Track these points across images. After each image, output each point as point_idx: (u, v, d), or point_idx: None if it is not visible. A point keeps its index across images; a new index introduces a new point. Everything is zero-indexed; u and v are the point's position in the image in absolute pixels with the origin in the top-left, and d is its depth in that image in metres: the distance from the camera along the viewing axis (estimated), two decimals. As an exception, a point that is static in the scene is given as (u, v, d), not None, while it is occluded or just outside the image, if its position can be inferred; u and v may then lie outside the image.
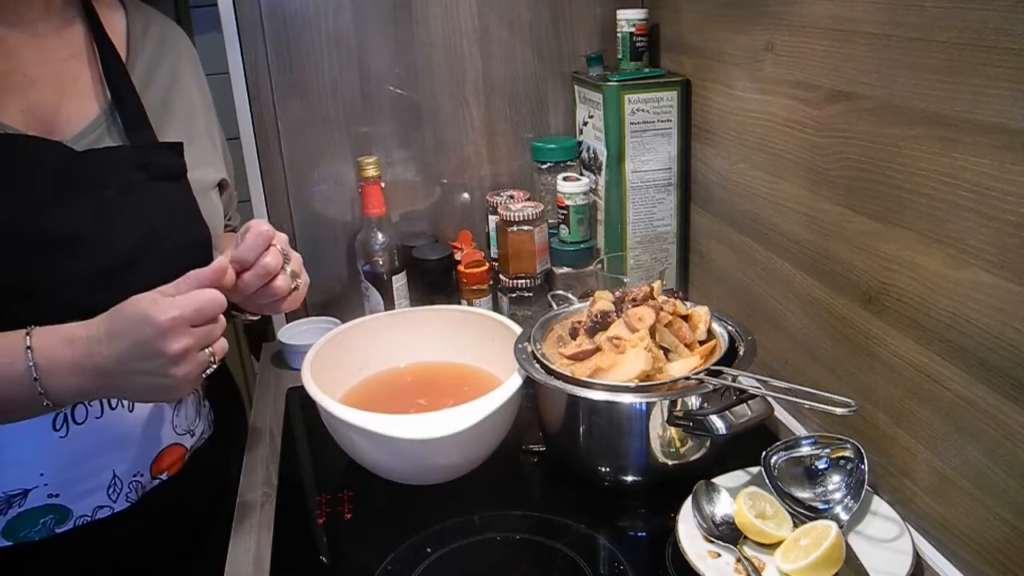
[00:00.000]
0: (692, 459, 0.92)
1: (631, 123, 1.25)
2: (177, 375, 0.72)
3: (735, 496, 0.85)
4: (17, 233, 0.77)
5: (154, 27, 0.95)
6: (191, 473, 0.97)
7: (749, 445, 0.90)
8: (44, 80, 0.84)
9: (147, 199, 0.85)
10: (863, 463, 0.83)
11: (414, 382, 1.14)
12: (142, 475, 0.91)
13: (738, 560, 0.79)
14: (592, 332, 0.95)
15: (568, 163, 1.36)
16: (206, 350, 0.74)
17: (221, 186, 0.99)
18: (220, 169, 0.99)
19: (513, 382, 0.93)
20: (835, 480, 0.85)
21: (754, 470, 0.90)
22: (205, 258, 0.90)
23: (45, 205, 0.78)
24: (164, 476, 0.93)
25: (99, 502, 0.88)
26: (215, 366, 0.76)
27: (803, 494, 0.85)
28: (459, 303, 1.35)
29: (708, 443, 0.91)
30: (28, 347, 0.73)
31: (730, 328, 0.98)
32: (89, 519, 0.87)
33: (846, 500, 0.83)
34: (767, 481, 0.85)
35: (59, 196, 0.79)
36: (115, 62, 0.88)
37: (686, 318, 0.97)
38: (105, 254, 0.81)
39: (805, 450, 0.87)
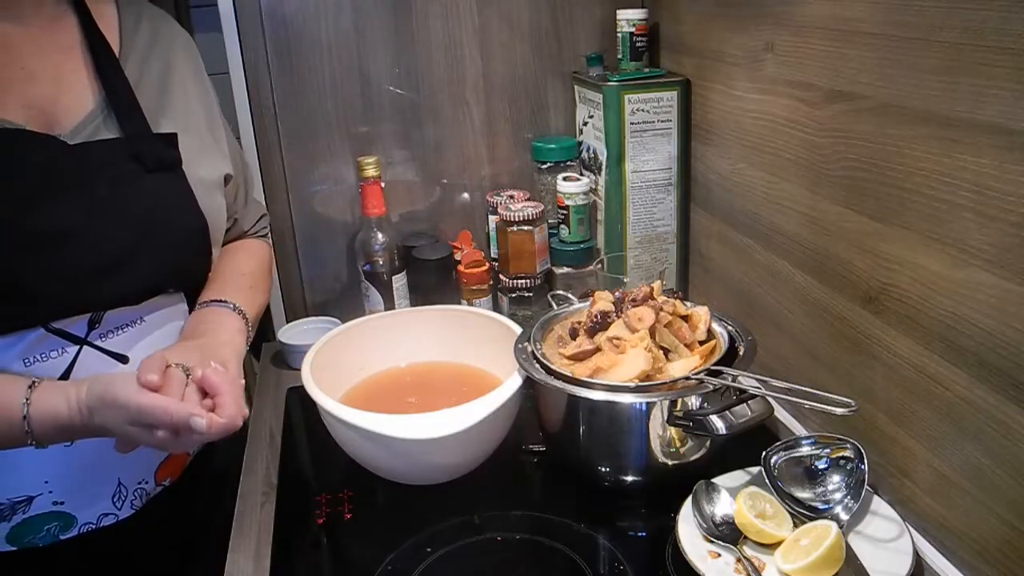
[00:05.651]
0: (692, 459, 0.92)
1: (631, 123, 1.25)
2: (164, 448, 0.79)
3: (735, 496, 0.85)
4: (9, 229, 0.77)
5: (146, 20, 0.95)
6: (193, 478, 0.97)
7: (749, 445, 0.90)
8: (42, 74, 0.84)
9: (141, 191, 0.85)
10: (863, 463, 0.83)
11: (414, 382, 1.14)
12: (147, 482, 0.91)
13: (738, 560, 0.79)
14: (592, 332, 0.95)
15: (568, 163, 1.36)
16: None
17: (225, 180, 0.98)
18: (221, 164, 0.97)
19: (513, 382, 0.93)
20: (835, 480, 0.85)
21: (754, 470, 0.90)
22: (202, 248, 0.90)
23: (37, 201, 0.78)
24: (167, 482, 0.93)
25: (104, 509, 0.88)
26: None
27: (803, 494, 0.85)
28: (459, 303, 1.35)
29: (708, 443, 0.91)
30: (28, 431, 0.76)
31: (730, 328, 0.98)
32: (94, 526, 0.87)
33: (846, 500, 0.83)
34: (767, 481, 0.85)
35: (51, 192, 0.79)
36: (107, 55, 0.88)
37: (686, 318, 0.97)
38: (99, 250, 0.81)
39: (805, 450, 0.87)
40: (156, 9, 0.98)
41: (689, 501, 0.86)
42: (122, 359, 0.85)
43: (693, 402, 0.87)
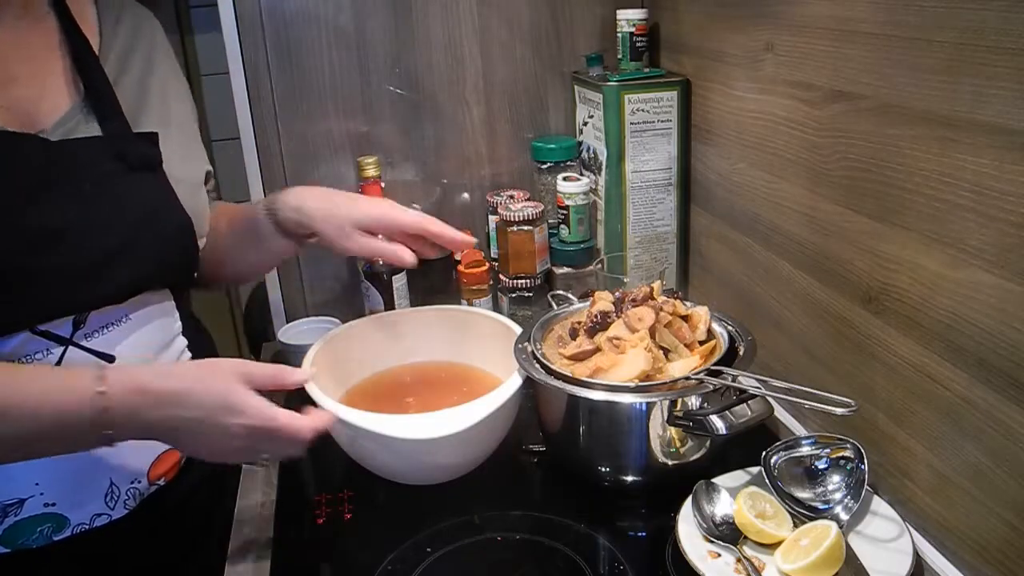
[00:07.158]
0: (692, 459, 0.92)
1: (631, 123, 1.25)
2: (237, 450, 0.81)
3: (735, 496, 0.85)
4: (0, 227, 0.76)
5: (127, 15, 0.94)
6: (189, 477, 0.96)
7: (749, 445, 0.90)
8: (24, 76, 0.83)
9: (126, 191, 0.85)
10: (863, 463, 0.83)
11: (414, 382, 1.13)
12: (139, 481, 0.90)
13: (738, 560, 0.79)
14: (592, 332, 0.95)
15: (568, 163, 1.36)
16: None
17: (206, 177, 0.99)
18: (202, 162, 0.99)
19: (513, 382, 0.93)
20: (835, 480, 0.85)
21: (754, 470, 0.90)
22: (188, 245, 0.91)
23: (26, 201, 0.78)
24: (162, 482, 0.93)
25: (97, 510, 0.87)
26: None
27: (803, 494, 0.85)
28: (459, 303, 1.34)
29: (708, 443, 0.91)
30: (107, 433, 0.75)
31: (730, 328, 0.98)
32: (87, 527, 0.87)
33: (846, 500, 0.83)
34: (767, 481, 0.85)
35: (39, 191, 0.79)
36: (87, 53, 0.88)
37: (686, 318, 0.97)
38: (89, 248, 0.81)
39: (805, 450, 0.87)
40: (135, 3, 0.97)
41: (689, 501, 0.86)
42: (108, 358, 0.85)
43: (693, 402, 0.87)
